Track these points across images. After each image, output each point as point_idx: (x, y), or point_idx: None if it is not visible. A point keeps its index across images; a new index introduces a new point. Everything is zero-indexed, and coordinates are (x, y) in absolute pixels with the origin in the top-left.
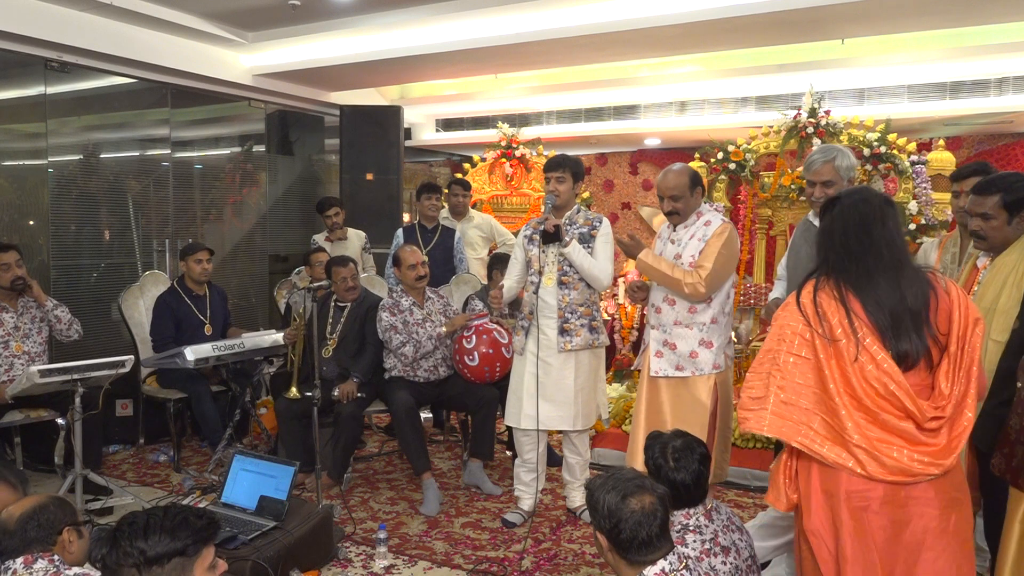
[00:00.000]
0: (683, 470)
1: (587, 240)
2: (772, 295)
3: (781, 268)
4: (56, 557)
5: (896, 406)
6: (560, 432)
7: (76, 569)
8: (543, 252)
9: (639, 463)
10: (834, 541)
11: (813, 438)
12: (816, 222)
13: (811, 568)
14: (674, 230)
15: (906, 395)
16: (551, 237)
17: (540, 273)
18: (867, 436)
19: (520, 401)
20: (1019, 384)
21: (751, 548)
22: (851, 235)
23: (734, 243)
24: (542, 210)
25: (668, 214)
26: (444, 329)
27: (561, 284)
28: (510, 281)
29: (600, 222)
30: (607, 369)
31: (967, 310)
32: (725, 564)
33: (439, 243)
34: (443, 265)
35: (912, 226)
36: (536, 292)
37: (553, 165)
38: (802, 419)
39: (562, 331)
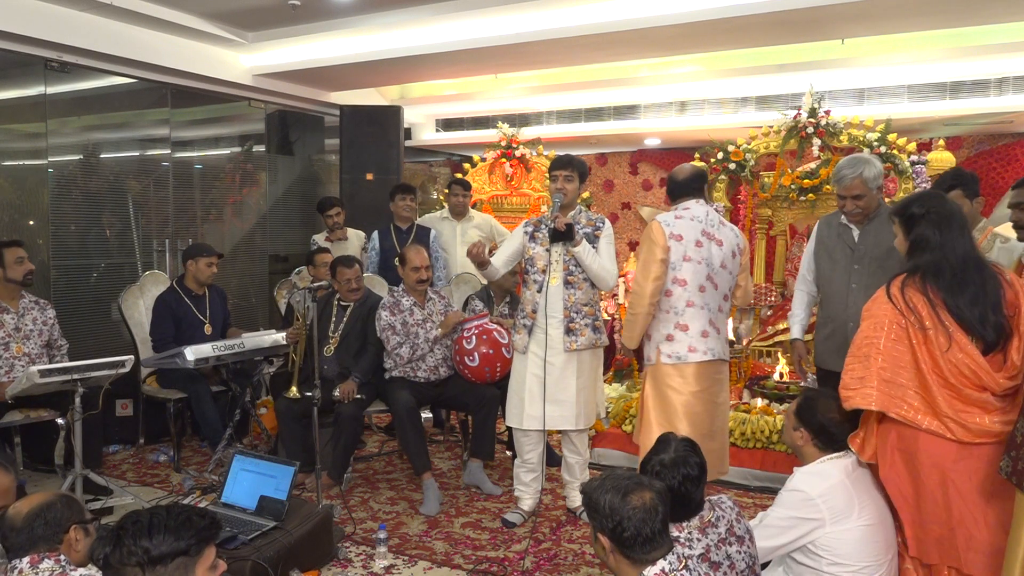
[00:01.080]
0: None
1: (592, 240)
2: (794, 318)
3: (807, 272)
4: (63, 557)
5: (975, 383)
6: (560, 432)
7: (82, 570)
8: (548, 251)
9: (645, 441)
10: (909, 485)
11: (908, 410)
12: (852, 226)
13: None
14: None
15: (986, 374)
16: (561, 236)
17: (544, 272)
18: (954, 407)
19: (522, 402)
20: None
21: (750, 557)
22: (949, 246)
23: (647, 244)
24: (543, 209)
25: None
26: (439, 332)
27: (567, 284)
28: (498, 260)
29: (603, 223)
30: (608, 369)
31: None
32: None
33: (414, 244)
34: None
35: None
36: (540, 291)
37: (562, 164)
38: (899, 394)
39: (568, 331)
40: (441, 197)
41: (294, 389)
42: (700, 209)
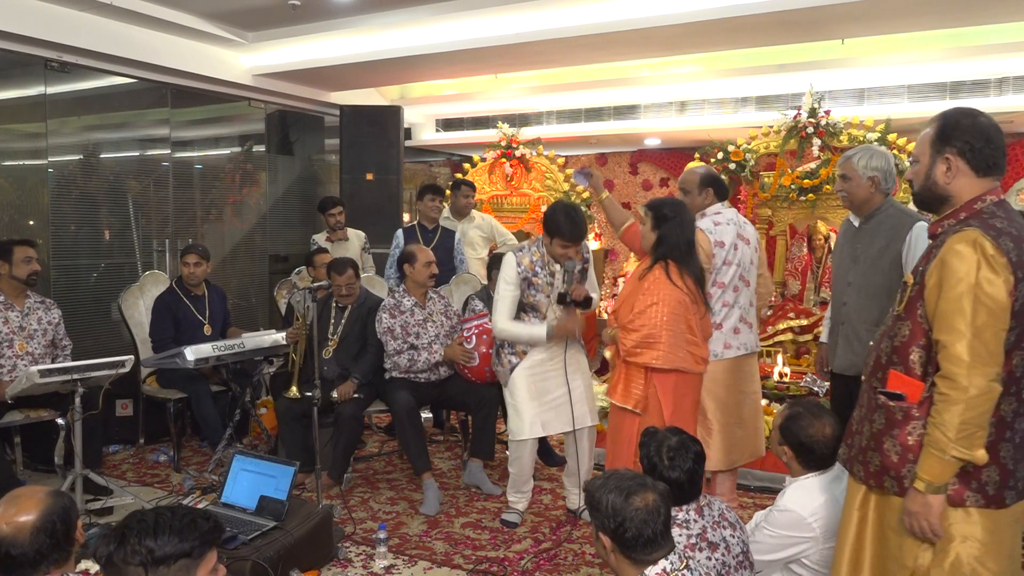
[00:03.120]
0: (677, 468)
1: (584, 273)
2: (825, 320)
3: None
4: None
5: (707, 335)
6: (564, 435)
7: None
8: (549, 298)
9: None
10: (656, 412)
11: (685, 361)
12: (855, 223)
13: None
14: None
15: (709, 329)
16: (579, 304)
17: (545, 316)
18: (703, 351)
19: (537, 414)
20: (862, 377)
21: (744, 544)
22: (687, 240)
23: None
24: (560, 278)
25: None
26: (441, 357)
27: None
28: (507, 320)
29: (588, 251)
30: (607, 370)
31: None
32: (711, 560)
33: (440, 244)
34: (444, 265)
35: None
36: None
37: (578, 236)
38: (677, 352)
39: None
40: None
41: (294, 389)
42: (730, 212)
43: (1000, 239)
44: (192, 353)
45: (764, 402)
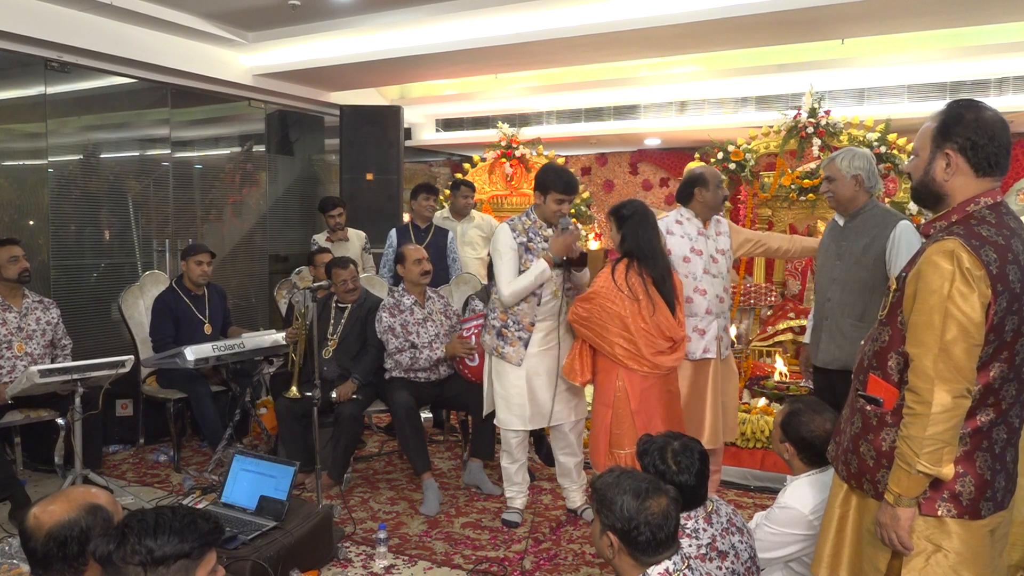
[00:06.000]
0: (686, 472)
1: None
2: (809, 321)
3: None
4: None
5: (665, 336)
6: (550, 430)
7: None
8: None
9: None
10: (624, 403)
11: (617, 353)
12: (840, 222)
13: (612, 419)
14: (704, 226)
15: (670, 328)
16: (573, 263)
17: (542, 286)
18: (651, 352)
19: (524, 407)
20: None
21: (752, 549)
22: (646, 238)
23: None
24: (555, 231)
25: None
26: (442, 353)
27: (566, 291)
28: (511, 284)
29: (576, 227)
30: None
31: (680, 282)
32: (721, 569)
33: (432, 243)
34: (436, 265)
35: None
36: (540, 304)
37: (575, 188)
38: (607, 344)
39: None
40: (441, 198)
41: (294, 389)
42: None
43: (982, 249)
44: (192, 353)
45: (764, 402)
